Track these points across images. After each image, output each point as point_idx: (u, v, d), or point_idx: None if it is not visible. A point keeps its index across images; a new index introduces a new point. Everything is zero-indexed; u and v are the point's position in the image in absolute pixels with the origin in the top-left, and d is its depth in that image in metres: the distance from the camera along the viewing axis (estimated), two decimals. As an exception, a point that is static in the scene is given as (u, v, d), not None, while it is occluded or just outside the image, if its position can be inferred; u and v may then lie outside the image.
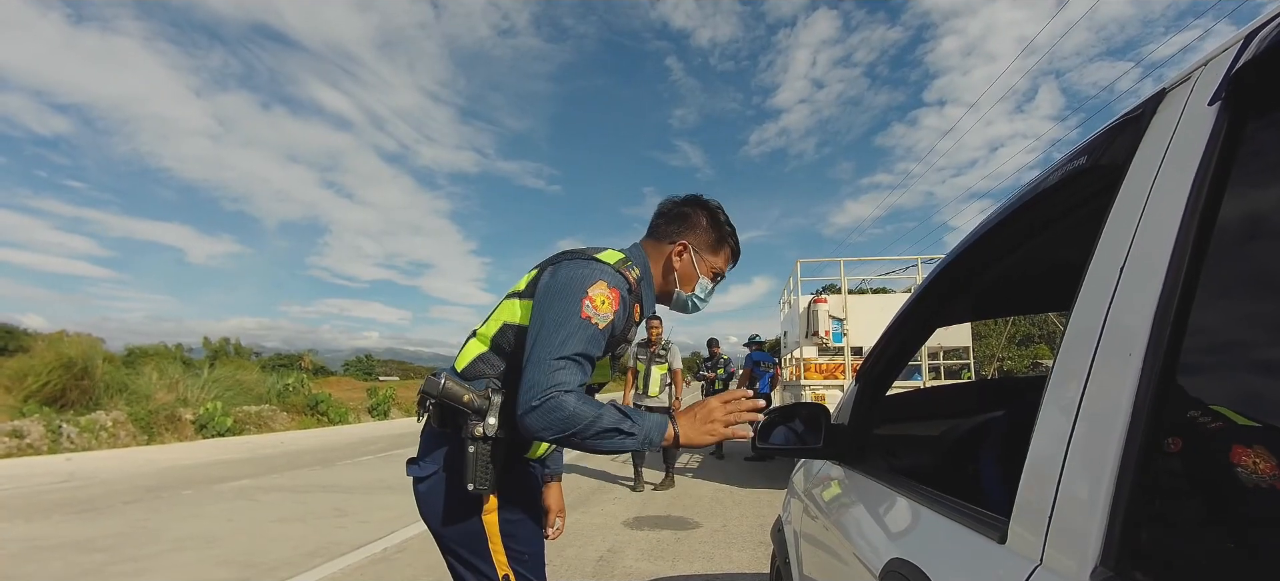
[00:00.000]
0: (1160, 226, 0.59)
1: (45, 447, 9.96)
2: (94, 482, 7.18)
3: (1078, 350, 0.66)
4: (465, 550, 1.40)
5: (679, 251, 1.51)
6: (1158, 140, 0.63)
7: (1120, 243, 0.63)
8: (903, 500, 1.13)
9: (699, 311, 1.60)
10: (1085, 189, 0.80)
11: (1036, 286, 1.71)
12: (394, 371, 74.26)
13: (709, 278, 1.54)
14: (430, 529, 1.43)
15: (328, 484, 7.13)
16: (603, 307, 1.29)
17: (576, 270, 1.33)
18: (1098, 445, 0.59)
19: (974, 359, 9.24)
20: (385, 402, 19.09)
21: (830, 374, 7.80)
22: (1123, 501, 0.55)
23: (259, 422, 14.25)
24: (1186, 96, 0.61)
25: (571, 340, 1.25)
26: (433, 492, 1.40)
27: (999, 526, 0.75)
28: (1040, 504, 0.66)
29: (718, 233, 1.54)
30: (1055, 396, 0.69)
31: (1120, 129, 0.71)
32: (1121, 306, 0.61)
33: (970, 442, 1.64)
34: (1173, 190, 0.59)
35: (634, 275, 1.41)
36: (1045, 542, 0.64)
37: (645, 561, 4.00)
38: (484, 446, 1.31)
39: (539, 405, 1.19)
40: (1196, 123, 0.58)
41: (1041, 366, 26.74)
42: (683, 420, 1.32)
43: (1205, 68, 0.60)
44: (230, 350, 24.89)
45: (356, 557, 4.10)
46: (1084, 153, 0.77)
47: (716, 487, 6.77)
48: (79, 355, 12.73)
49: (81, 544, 4.47)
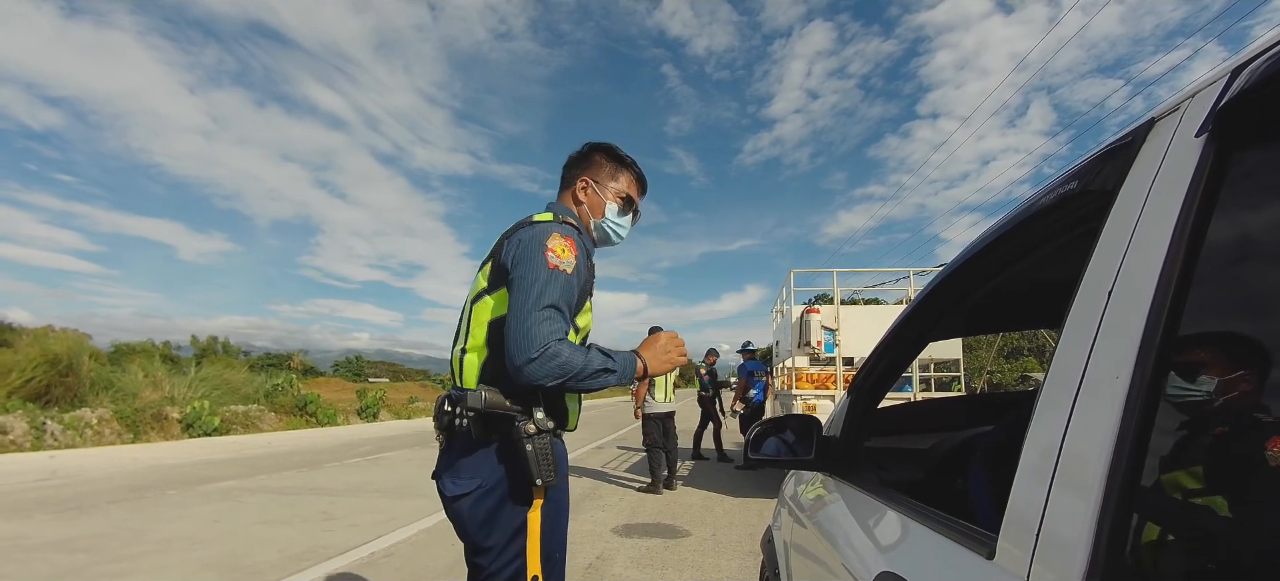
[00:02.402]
0: (1148, 251, 0.60)
1: (28, 445, 9.83)
2: (78, 481, 7.10)
3: (1067, 369, 0.67)
4: (505, 552, 1.40)
5: (582, 187, 1.64)
6: (1147, 168, 0.65)
7: (1110, 265, 0.65)
8: (892, 513, 1.14)
9: (620, 239, 1.70)
10: (1076, 212, 0.82)
11: (1028, 303, 1.73)
12: (384, 373, 73.80)
13: (617, 202, 1.65)
14: (472, 541, 1.43)
15: (315, 486, 7.07)
16: (565, 254, 1.39)
17: (529, 233, 1.42)
18: (1086, 464, 0.60)
19: (964, 371, 9.29)
20: (375, 405, 18.97)
21: (822, 384, 7.83)
22: (1108, 520, 0.56)
23: (246, 422, 14.13)
24: (1175, 127, 0.63)
25: (547, 290, 1.34)
26: (479, 505, 1.40)
27: (987, 542, 0.76)
28: (1028, 521, 0.67)
29: (615, 162, 1.67)
30: (1044, 414, 0.70)
31: (1111, 155, 0.73)
32: (1110, 328, 0.63)
33: (960, 457, 1.65)
34: (1161, 216, 0.60)
35: (574, 219, 1.55)
36: (1032, 559, 0.65)
37: (634, 569, 3.99)
38: (540, 440, 1.37)
39: (538, 356, 1.29)
40: (1184, 152, 0.60)
41: (1030, 379, 26.92)
42: (645, 353, 1.53)
43: (1192, 100, 0.62)
44: (219, 349, 24.69)
45: (344, 561, 4.06)
46: (1075, 177, 0.79)
47: (707, 496, 6.77)
48: (65, 351, 12.60)
49: (64, 543, 4.41)
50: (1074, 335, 0.68)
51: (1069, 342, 0.68)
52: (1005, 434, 1.57)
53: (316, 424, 16.06)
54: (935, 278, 1.28)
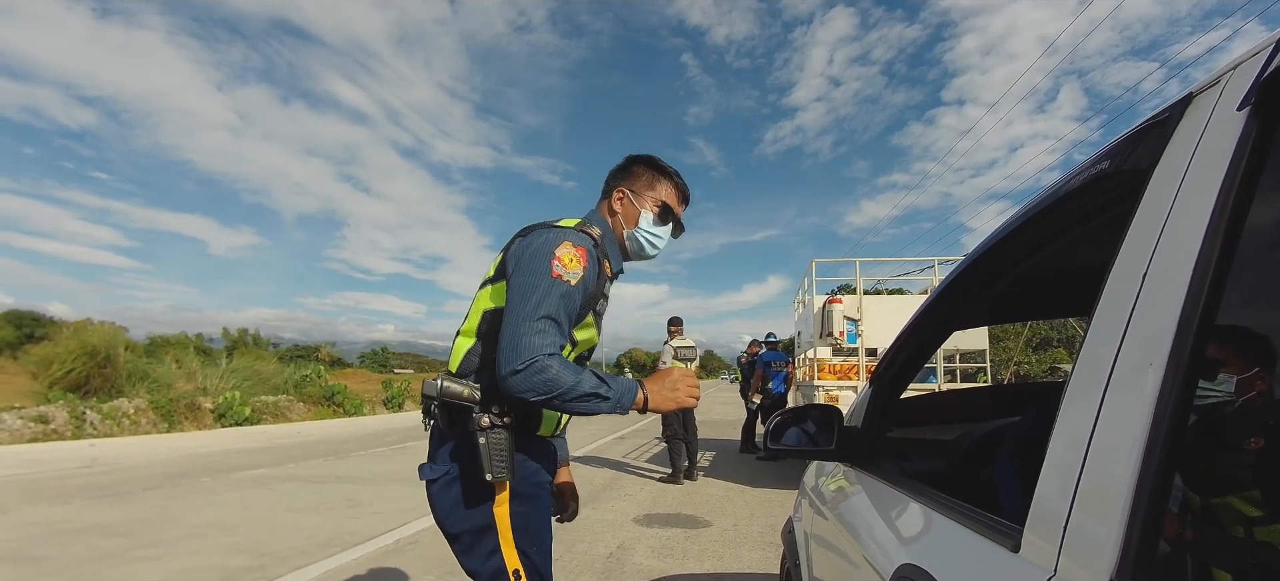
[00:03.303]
0: (1185, 233, 0.57)
1: (69, 433, 10.19)
2: (116, 468, 7.34)
3: (1097, 358, 0.65)
4: (477, 546, 1.41)
5: (618, 197, 1.59)
6: (1184, 145, 0.62)
7: (1143, 249, 0.62)
8: (915, 504, 1.12)
9: (657, 250, 1.63)
10: (1108, 193, 0.79)
11: (1057, 291, 1.68)
12: (409, 364, 74.81)
13: (653, 211, 1.59)
14: (442, 529, 1.45)
15: (342, 474, 7.22)
16: (572, 265, 1.35)
17: (540, 237, 1.39)
18: (1117, 455, 0.58)
19: (990, 363, 9.12)
20: (400, 395, 19.28)
21: (844, 374, 7.74)
22: (1140, 513, 0.54)
23: (276, 412, 14.46)
24: (1215, 101, 0.60)
25: (546, 300, 1.30)
26: (445, 492, 1.42)
27: (1012, 534, 0.74)
28: (1055, 513, 0.65)
29: (654, 171, 1.61)
30: (1073, 404, 0.67)
31: (1145, 133, 0.70)
32: (1143, 315, 0.60)
33: (984, 448, 1.62)
34: (1199, 196, 0.57)
35: (595, 233, 1.48)
36: (1060, 552, 0.63)
37: (655, 559, 4.00)
38: (495, 434, 1.33)
39: (524, 368, 1.24)
40: (1225, 128, 0.57)
41: (1059, 371, 26.37)
42: (652, 386, 1.41)
43: (1234, 72, 0.59)
44: (249, 341, 25.26)
45: (370, 548, 4.14)
46: (1107, 156, 0.76)
47: (727, 486, 6.76)
48: (102, 343, 13.01)
49: (103, 528, 4.57)
50: (1105, 323, 0.65)
51: (1100, 330, 0.66)
52: (1031, 425, 1.53)
53: (344, 414, 16.37)
54: (960, 264, 1.24)
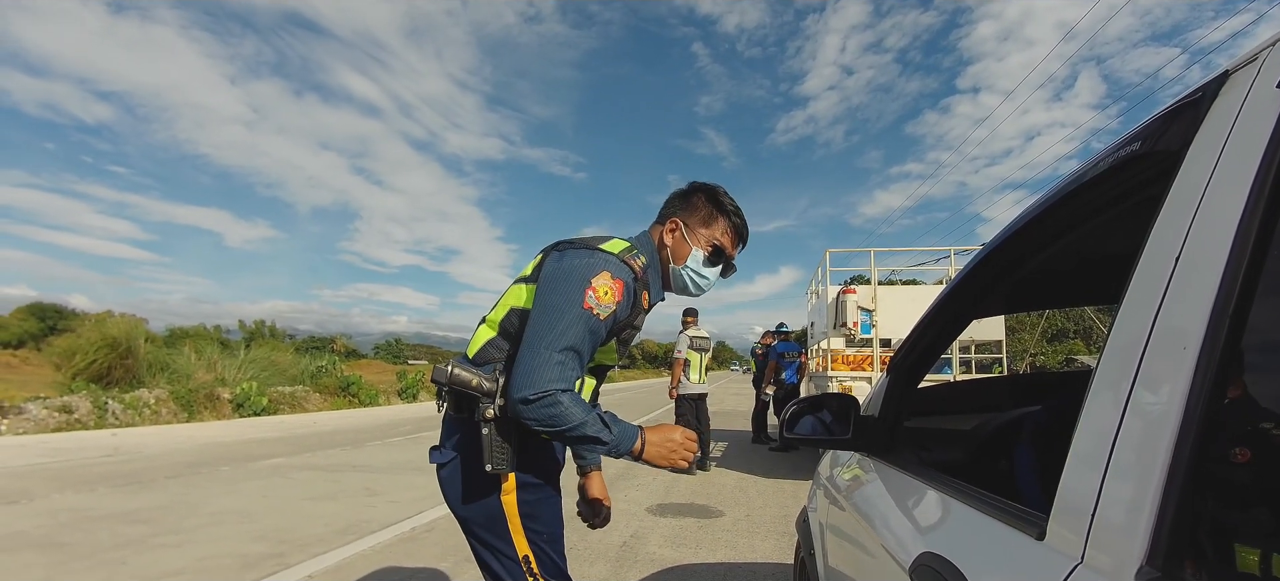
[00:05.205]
0: (1219, 218, 0.56)
1: (92, 423, 10.38)
2: (138, 457, 7.47)
3: (1127, 346, 0.63)
4: (487, 531, 1.42)
5: (671, 228, 1.53)
6: (1218, 125, 0.60)
7: (1175, 234, 0.61)
8: (934, 493, 1.11)
9: (702, 291, 1.58)
10: (1137, 177, 0.77)
11: (1077, 279, 1.66)
12: (423, 355, 75.46)
13: (704, 249, 1.52)
14: (453, 512, 1.46)
15: (358, 463, 7.30)
16: (605, 299, 1.31)
17: (582, 260, 1.34)
18: (1147, 444, 0.57)
19: (1006, 353, 9.03)
20: (414, 385, 19.44)
21: (858, 365, 7.70)
22: (1172, 501, 0.53)
23: (293, 403, 14.63)
24: (1253, 78, 0.58)
25: (570, 331, 1.27)
26: (453, 477, 1.43)
27: (1037, 522, 0.73)
28: (1082, 501, 0.64)
29: (713, 207, 1.54)
30: (1102, 392, 0.66)
31: (1177, 113, 0.68)
32: (1175, 302, 0.59)
33: (1004, 437, 1.60)
34: (1234, 179, 0.56)
35: (639, 263, 1.42)
36: (1087, 540, 0.62)
37: (668, 548, 4.02)
38: (499, 426, 1.33)
39: (536, 399, 1.22)
40: (1262, 107, 0.55)
41: (1076, 362, 26.05)
42: (651, 436, 1.37)
43: (1273, 48, 0.57)
44: (265, 332, 25.56)
45: (386, 535, 4.19)
46: (1137, 138, 0.74)
47: (741, 476, 6.76)
48: (123, 335, 13.22)
49: (126, 515, 4.66)
50: (1134, 309, 0.64)
51: (1129, 317, 0.64)
52: (1052, 414, 1.51)
53: (359, 404, 16.54)
54: (980, 252, 1.22)
